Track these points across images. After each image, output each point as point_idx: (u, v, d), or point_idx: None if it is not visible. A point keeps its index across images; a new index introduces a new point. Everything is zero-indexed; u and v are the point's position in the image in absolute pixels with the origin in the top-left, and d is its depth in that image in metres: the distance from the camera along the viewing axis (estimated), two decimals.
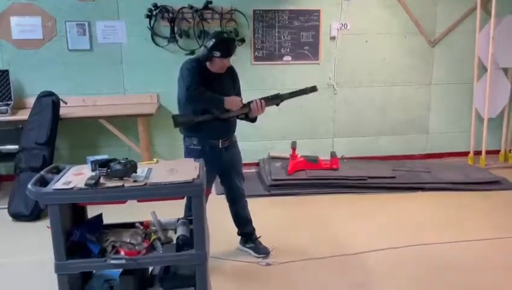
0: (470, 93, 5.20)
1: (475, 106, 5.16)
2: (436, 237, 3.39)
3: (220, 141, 2.88)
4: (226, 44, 2.75)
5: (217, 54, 2.73)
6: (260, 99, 2.92)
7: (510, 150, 5.27)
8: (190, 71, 2.76)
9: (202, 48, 2.79)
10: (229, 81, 2.95)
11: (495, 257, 3.15)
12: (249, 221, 3.20)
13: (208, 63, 2.81)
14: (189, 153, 2.85)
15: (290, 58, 4.88)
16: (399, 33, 5.01)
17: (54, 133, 4.10)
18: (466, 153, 5.23)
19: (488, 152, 5.11)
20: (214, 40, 2.72)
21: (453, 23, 5.06)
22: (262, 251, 3.16)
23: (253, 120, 3.02)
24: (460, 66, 5.18)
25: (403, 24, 4.99)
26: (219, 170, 2.98)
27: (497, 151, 5.29)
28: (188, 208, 2.75)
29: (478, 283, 2.84)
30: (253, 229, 3.21)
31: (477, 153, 5.14)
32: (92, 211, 2.31)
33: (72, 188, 1.95)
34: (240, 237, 3.25)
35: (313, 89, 3.06)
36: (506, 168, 5.01)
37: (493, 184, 4.47)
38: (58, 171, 2.23)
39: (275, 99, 2.99)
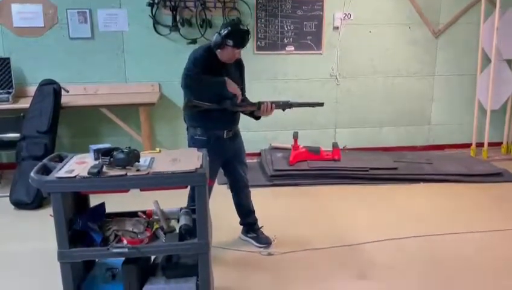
0: (473, 85, 5.17)
1: (478, 97, 5.14)
2: (437, 229, 3.39)
3: (225, 131, 2.88)
4: (240, 34, 2.72)
5: (230, 42, 2.70)
6: (271, 102, 2.92)
7: None
8: (197, 60, 2.73)
9: (216, 34, 2.74)
10: (237, 72, 2.94)
11: (496, 249, 3.15)
12: (251, 211, 3.20)
13: (218, 51, 2.78)
14: (193, 143, 2.84)
15: (293, 48, 4.85)
16: (403, 24, 4.97)
17: (55, 121, 4.09)
18: (468, 145, 5.22)
19: (490, 144, 5.10)
20: (229, 28, 2.70)
21: (457, 14, 5.02)
22: (263, 241, 3.17)
23: (258, 118, 3.03)
24: (463, 58, 5.14)
25: (407, 14, 4.95)
26: (223, 160, 2.97)
27: (500, 144, 5.28)
28: (191, 198, 2.75)
29: (479, 274, 2.85)
30: (256, 219, 3.22)
31: (479, 145, 5.13)
32: (94, 200, 2.31)
33: (75, 177, 1.95)
34: (241, 227, 3.25)
35: (320, 104, 3.15)
36: (508, 160, 5.00)
37: (495, 176, 4.47)
38: (60, 159, 2.23)
39: (284, 106, 3.01)
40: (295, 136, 4.53)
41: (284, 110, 3.04)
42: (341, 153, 4.57)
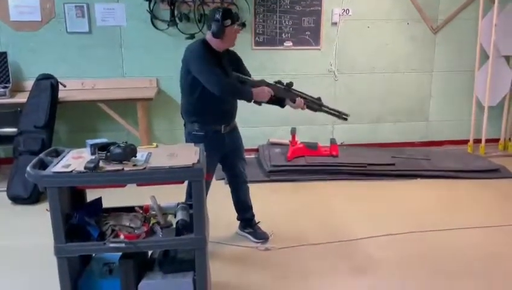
0: (471, 81, 5.17)
1: (476, 93, 5.14)
2: (434, 224, 3.39)
3: (223, 126, 2.87)
4: (230, 10, 2.77)
5: (228, 22, 2.71)
6: (304, 101, 2.92)
7: (510, 139, 5.26)
8: (206, 59, 2.70)
9: (212, 23, 2.71)
10: (229, 65, 2.92)
11: (493, 245, 3.16)
12: (249, 207, 3.21)
13: (217, 42, 2.75)
14: (191, 138, 2.81)
15: (291, 44, 4.84)
16: (401, 19, 4.96)
17: (52, 116, 4.08)
18: (466, 141, 5.23)
19: (487, 140, 5.11)
20: (219, 10, 2.71)
21: (456, 10, 5.01)
22: (260, 236, 3.17)
23: (283, 106, 3.00)
24: (462, 54, 5.14)
25: (405, 10, 4.94)
26: (221, 155, 2.96)
27: (497, 140, 5.29)
28: (189, 194, 2.75)
29: (476, 270, 2.86)
30: (253, 215, 3.22)
31: (477, 141, 5.13)
32: (91, 195, 2.30)
33: (71, 171, 1.94)
34: (239, 222, 3.25)
35: (346, 116, 3.19)
36: (506, 157, 5.01)
37: (492, 172, 4.48)
38: (57, 154, 2.23)
39: (316, 108, 3.02)
40: (293, 132, 4.53)
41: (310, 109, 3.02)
42: (339, 149, 4.57)
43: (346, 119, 3.16)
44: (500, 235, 3.29)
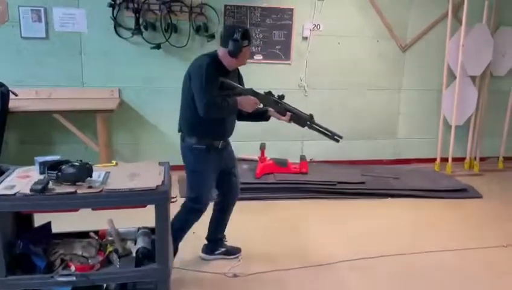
0: (438, 100, 5.22)
1: (443, 112, 5.17)
2: (405, 247, 3.31)
3: (221, 142, 2.76)
4: (248, 31, 2.70)
5: (246, 42, 2.64)
6: (290, 114, 2.84)
7: (475, 158, 5.31)
8: (208, 79, 2.55)
9: (230, 42, 2.59)
10: (236, 80, 2.84)
11: (461, 266, 3.11)
12: (225, 226, 3.07)
13: (231, 60, 2.67)
14: (191, 152, 2.67)
15: (261, 57, 4.72)
16: (371, 37, 4.95)
17: (1, 127, 3.76)
18: (433, 160, 5.24)
19: (454, 159, 5.14)
20: (239, 30, 2.62)
21: (424, 29, 5.05)
22: (234, 251, 3.06)
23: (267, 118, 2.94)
24: (429, 73, 5.18)
25: (376, 28, 4.94)
26: (220, 171, 2.84)
27: (463, 159, 5.33)
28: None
29: None
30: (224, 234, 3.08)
31: (444, 159, 5.15)
32: (39, 218, 2.04)
33: (14, 194, 1.70)
34: (204, 246, 3.04)
35: (338, 139, 3.00)
36: (471, 176, 5.06)
37: (460, 192, 4.48)
38: (0, 172, 1.96)
39: (303, 123, 2.93)
40: (262, 148, 4.38)
41: (303, 127, 2.94)
42: (308, 166, 4.45)
43: (338, 141, 2.97)
44: (468, 256, 3.24)
